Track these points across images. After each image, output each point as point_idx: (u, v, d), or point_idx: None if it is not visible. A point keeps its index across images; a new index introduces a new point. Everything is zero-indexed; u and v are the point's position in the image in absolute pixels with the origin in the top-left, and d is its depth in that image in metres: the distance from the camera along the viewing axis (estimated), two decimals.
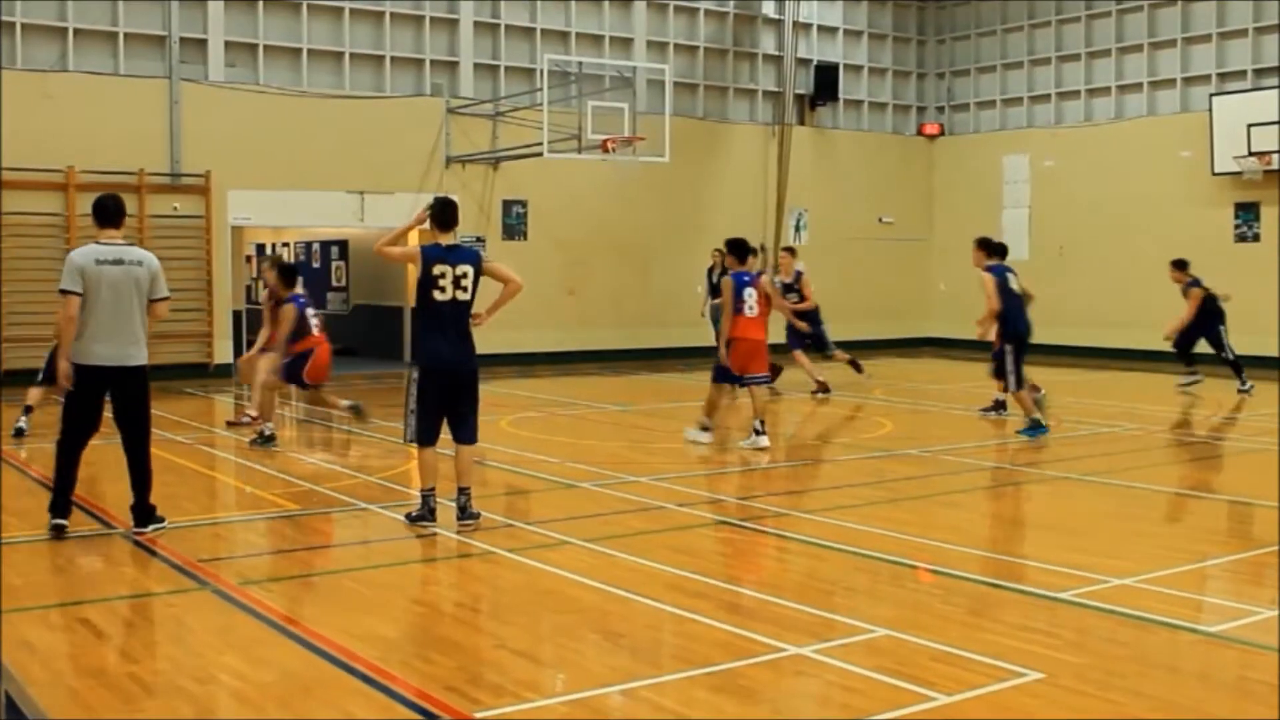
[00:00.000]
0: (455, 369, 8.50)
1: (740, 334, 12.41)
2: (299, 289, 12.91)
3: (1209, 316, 16.97)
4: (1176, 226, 21.98)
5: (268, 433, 12.36)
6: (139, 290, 8.10)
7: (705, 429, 12.61)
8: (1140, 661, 5.82)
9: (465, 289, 8.44)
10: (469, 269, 8.46)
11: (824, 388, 16.67)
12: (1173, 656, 6.02)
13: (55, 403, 9.08)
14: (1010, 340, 13.15)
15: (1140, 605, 6.58)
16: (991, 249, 13.67)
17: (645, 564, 7.57)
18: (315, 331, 12.74)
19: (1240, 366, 17.09)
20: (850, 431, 13.70)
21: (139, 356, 8.21)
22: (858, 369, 17.70)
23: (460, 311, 8.47)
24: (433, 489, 8.60)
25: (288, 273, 12.90)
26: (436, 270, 8.40)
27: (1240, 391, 16.73)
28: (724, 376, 12.57)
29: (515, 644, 6.10)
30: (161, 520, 8.42)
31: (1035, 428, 12.84)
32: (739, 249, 12.83)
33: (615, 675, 5.57)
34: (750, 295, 12.47)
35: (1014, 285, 13.39)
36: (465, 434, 8.60)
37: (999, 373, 13.32)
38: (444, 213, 8.60)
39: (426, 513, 8.58)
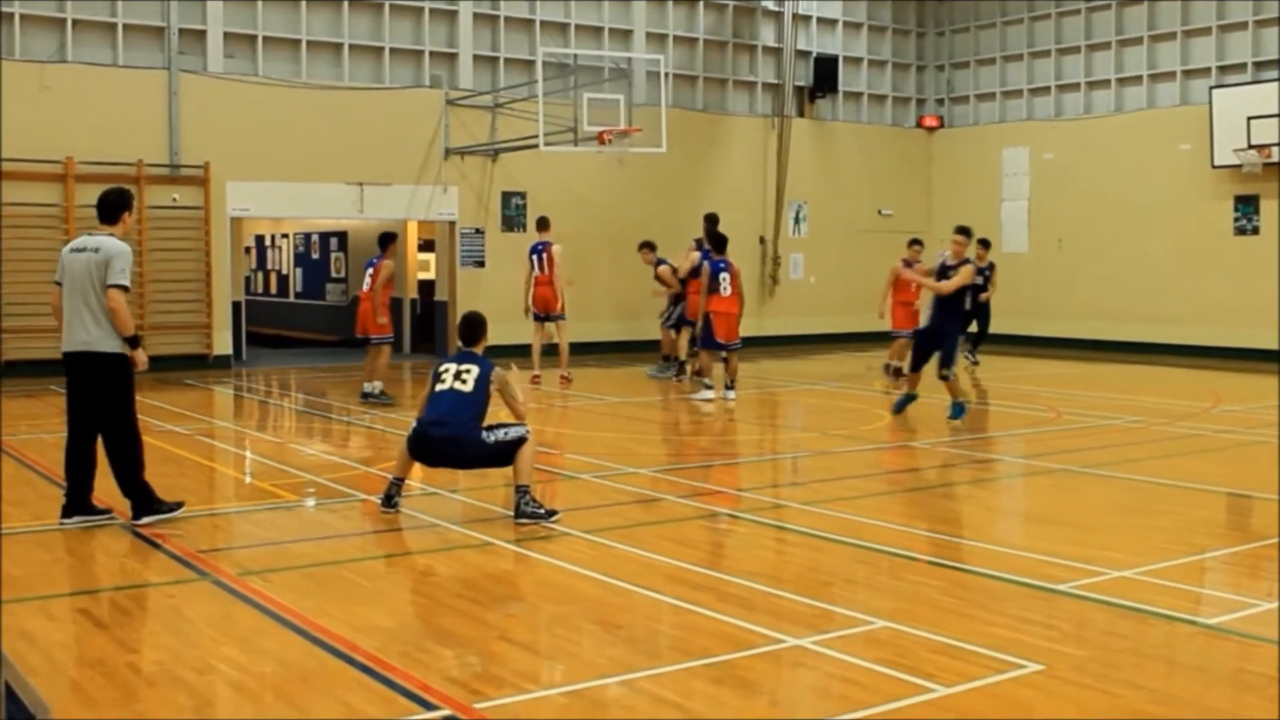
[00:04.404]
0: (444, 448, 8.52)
1: (719, 309, 15.42)
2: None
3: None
4: (1176, 219, 22.00)
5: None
6: (94, 276, 8.04)
7: (708, 386, 15.42)
8: (1139, 653, 5.82)
9: (465, 381, 8.46)
10: (474, 368, 8.51)
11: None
12: (1171, 649, 6.03)
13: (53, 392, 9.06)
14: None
15: (1139, 597, 6.59)
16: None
17: (644, 555, 7.57)
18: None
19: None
20: (849, 423, 13.70)
21: (97, 343, 8.08)
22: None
23: (457, 402, 8.43)
24: (400, 480, 8.70)
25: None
26: (442, 369, 8.58)
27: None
28: (710, 344, 15.57)
29: (515, 635, 6.10)
30: (165, 510, 8.34)
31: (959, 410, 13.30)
32: (717, 241, 16.11)
33: (614, 666, 5.57)
34: (724, 279, 15.54)
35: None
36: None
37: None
38: (464, 329, 8.78)
39: (384, 499, 8.69)
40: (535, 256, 17.04)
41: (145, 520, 8.26)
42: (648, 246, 18.44)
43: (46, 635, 5.99)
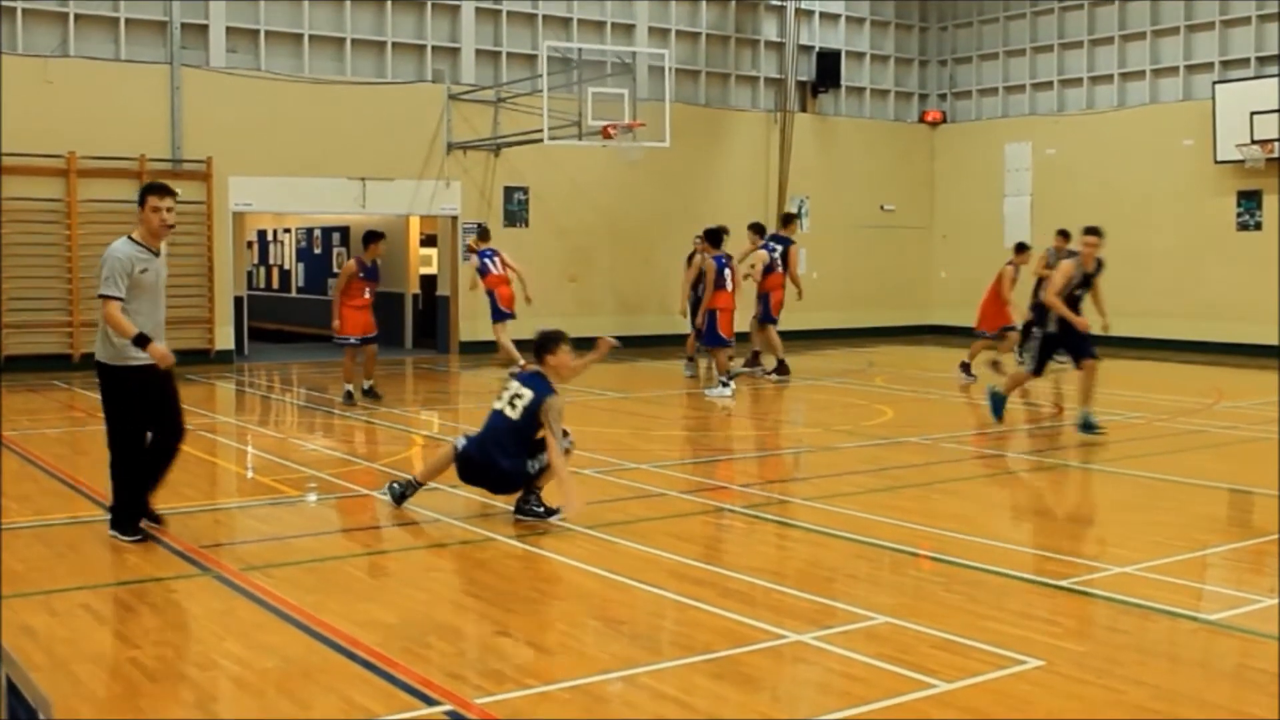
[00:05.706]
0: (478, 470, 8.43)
1: (724, 305, 15.75)
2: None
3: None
4: (1179, 214, 21.97)
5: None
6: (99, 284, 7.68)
7: (727, 384, 15.35)
8: (1140, 649, 5.82)
9: (515, 407, 8.31)
10: (528, 393, 8.33)
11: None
12: (1173, 644, 6.03)
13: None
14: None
15: (1141, 593, 6.58)
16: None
17: (646, 551, 7.57)
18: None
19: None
20: (852, 419, 13.69)
21: (98, 352, 7.76)
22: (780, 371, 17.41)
23: (501, 429, 8.30)
24: (419, 485, 8.69)
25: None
26: (506, 384, 8.53)
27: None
28: (716, 340, 15.80)
29: (516, 630, 6.11)
30: (127, 534, 7.75)
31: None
32: (714, 237, 16.20)
33: (616, 662, 5.58)
34: (727, 274, 15.88)
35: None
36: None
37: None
38: (536, 344, 8.64)
39: (397, 496, 8.65)
40: (491, 261, 17.38)
41: (111, 533, 7.81)
42: (756, 230, 17.75)
43: (48, 630, 5.99)
